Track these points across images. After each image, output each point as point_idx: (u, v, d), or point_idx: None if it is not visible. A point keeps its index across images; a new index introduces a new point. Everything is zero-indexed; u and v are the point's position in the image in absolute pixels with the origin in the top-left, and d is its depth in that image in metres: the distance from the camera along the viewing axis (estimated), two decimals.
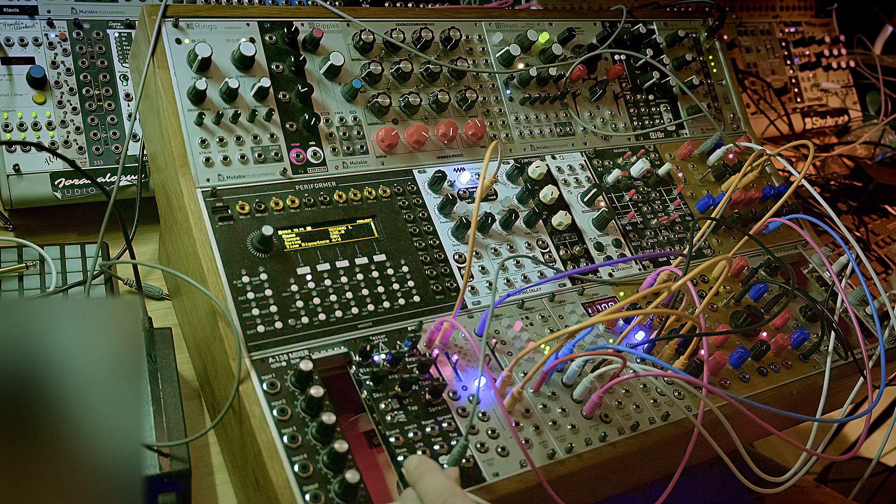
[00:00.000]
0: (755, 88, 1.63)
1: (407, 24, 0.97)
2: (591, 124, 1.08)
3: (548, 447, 0.75)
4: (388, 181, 0.89)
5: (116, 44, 1.04)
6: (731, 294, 0.99)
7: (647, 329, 0.90)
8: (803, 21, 1.79)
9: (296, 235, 0.81)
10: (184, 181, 0.80)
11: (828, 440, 0.96)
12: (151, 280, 0.97)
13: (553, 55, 1.04)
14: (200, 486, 0.77)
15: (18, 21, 0.99)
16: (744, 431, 0.83)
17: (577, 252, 0.95)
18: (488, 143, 0.97)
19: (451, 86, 0.98)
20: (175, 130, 0.81)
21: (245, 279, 0.76)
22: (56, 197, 0.95)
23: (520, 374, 0.79)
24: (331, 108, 0.90)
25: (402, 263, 0.84)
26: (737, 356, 0.89)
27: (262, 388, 0.70)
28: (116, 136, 1.00)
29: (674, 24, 1.21)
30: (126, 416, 0.35)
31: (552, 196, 0.96)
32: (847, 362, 0.98)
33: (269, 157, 0.84)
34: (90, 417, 0.34)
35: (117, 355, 0.35)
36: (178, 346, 0.83)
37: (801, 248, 1.13)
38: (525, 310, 0.87)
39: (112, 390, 0.35)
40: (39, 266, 0.89)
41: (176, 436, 0.71)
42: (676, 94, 1.18)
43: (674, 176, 1.10)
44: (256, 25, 0.88)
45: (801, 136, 1.66)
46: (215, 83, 0.84)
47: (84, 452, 0.34)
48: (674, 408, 0.83)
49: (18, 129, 0.96)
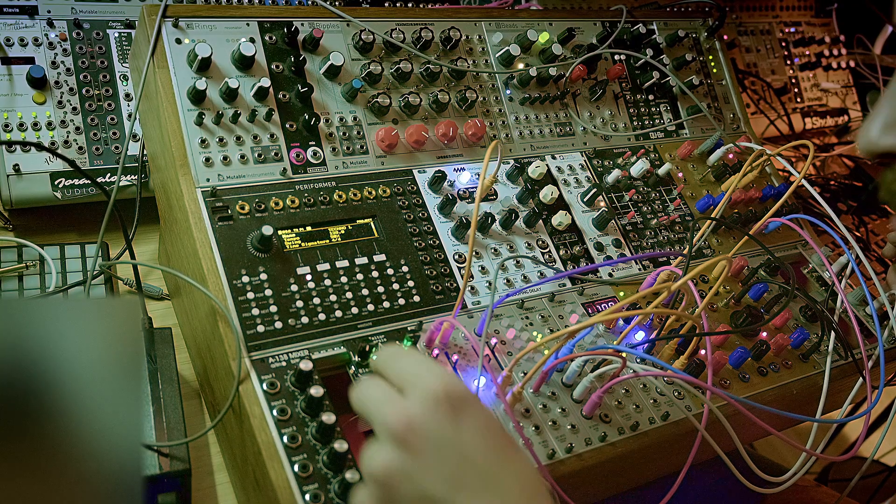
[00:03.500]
0: (755, 88, 1.63)
1: (407, 24, 0.97)
2: (591, 124, 1.08)
3: (548, 447, 0.75)
4: (388, 181, 0.89)
5: (116, 44, 1.04)
6: (731, 294, 0.99)
7: (647, 329, 0.90)
8: (803, 21, 1.79)
9: (296, 235, 0.81)
10: (184, 181, 0.80)
11: (827, 440, 0.96)
12: (151, 280, 0.97)
13: (553, 55, 1.04)
14: (200, 486, 0.77)
15: (18, 21, 0.99)
16: (744, 431, 0.83)
17: (577, 252, 0.95)
18: (488, 143, 0.97)
19: (451, 86, 0.98)
20: (175, 130, 0.81)
21: (245, 279, 0.76)
22: (56, 197, 0.95)
23: (519, 374, 0.79)
24: (331, 108, 0.90)
25: (402, 263, 0.84)
26: (737, 356, 0.89)
27: (262, 388, 0.70)
28: (116, 136, 1.00)
29: (674, 24, 1.21)
30: (126, 416, 0.35)
31: (552, 196, 0.96)
32: (847, 362, 0.98)
33: (269, 157, 0.84)
34: (90, 417, 0.34)
35: (117, 355, 0.35)
36: (178, 346, 0.83)
37: (801, 248, 1.13)
38: (525, 310, 0.87)
39: (112, 390, 0.35)
40: (39, 266, 0.89)
41: (176, 436, 0.71)
42: (676, 94, 1.18)
43: (674, 176, 1.10)
44: (256, 25, 0.89)
45: (801, 136, 1.65)
46: (215, 83, 0.84)
47: (84, 452, 0.34)
48: (674, 408, 0.83)
49: (18, 129, 0.96)
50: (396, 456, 0.51)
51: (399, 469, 0.51)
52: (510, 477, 0.51)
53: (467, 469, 0.50)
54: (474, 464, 0.51)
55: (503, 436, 0.53)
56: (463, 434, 0.51)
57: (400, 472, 0.51)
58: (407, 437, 0.51)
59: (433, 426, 0.51)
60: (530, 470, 0.53)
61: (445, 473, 0.50)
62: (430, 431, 0.51)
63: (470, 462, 0.51)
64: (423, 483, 0.50)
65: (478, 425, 0.52)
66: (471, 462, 0.51)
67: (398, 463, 0.51)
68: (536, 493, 0.52)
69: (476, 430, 0.52)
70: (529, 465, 0.53)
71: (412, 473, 0.50)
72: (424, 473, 0.50)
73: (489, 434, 0.52)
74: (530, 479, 0.52)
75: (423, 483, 0.50)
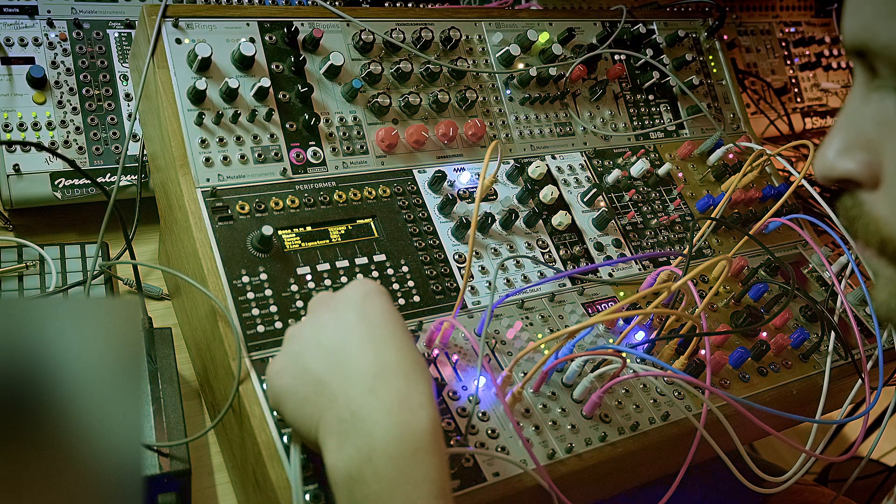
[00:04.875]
0: (755, 88, 1.63)
1: (407, 24, 0.97)
2: (591, 124, 1.08)
3: (548, 447, 0.75)
4: (388, 181, 0.89)
5: (116, 44, 1.04)
6: (731, 294, 0.99)
7: (647, 329, 0.90)
8: (803, 21, 1.79)
9: (296, 235, 0.81)
10: (184, 181, 0.80)
11: (827, 440, 0.96)
12: (151, 280, 0.97)
13: (553, 55, 1.04)
14: (200, 486, 0.77)
15: (18, 21, 0.99)
16: (744, 431, 0.83)
17: (577, 252, 0.95)
18: (488, 143, 0.97)
19: (451, 86, 0.98)
20: (175, 130, 0.81)
21: (245, 279, 0.76)
22: (56, 197, 0.95)
23: (519, 374, 0.79)
24: (331, 108, 0.90)
25: (402, 263, 0.84)
26: (737, 356, 0.89)
27: (262, 388, 0.70)
28: (116, 136, 1.00)
29: (674, 24, 1.21)
30: (126, 416, 0.35)
31: (552, 196, 0.96)
32: (847, 362, 0.98)
33: (269, 157, 0.84)
34: (90, 417, 0.34)
35: (117, 355, 0.35)
36: (178, 346, 0.83)
37: (801, 248, 1.13)
38: (525, 310, 0.87)
39: (112, 390, 0.35)
40: (39, 266, 0.89)
41: (176, 436, 0.71)
42: (676, 94, 1.18)
43: (674, 176, 1.10)
44: (256, 25, 0.89)
45: (801, 136, 1.65)
46: (215, 83, 0.84)
47: (84, 452, 0.34)
48: (674, 408, 0.83)
49: (18, 129, 0.96)
50: (309, 317, 0.64)
51: (302, 324, 0.64)
52: (397, 342, 0.60)
53: (362, 329, 0.60)
54: (371, 326, 0.60)
55: (396, 318, 0.62)
56: (365, 310, 0.61)
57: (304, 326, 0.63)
58: (323, 299, 0.64)
59: (345, 298, 0.62)
60: (411, 346, 0.60)
61: (337, 331, 0.60)
62: (342, 300, 0.62)
63: (367, 324, 0.60)
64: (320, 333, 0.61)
65: (380, 307, 0.61)
66: (367, 324, 0.60)
67: (309, 318, 0.64)
68: (414, 367, 0.59)
69: (377, 309, 0.61)
70: (411, 343, 0.61)
71: (319, 322, 0.62)
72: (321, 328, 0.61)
73: (386, 314, 0.61)
74: (410, 355, 0.60)
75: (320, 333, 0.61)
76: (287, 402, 0.60)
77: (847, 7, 0.45)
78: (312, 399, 0.58)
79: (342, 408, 0.56)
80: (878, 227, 0.47)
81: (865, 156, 0.46)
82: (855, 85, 0.47)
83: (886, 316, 0.50)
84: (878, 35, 0.42)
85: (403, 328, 0.61)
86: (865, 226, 0.47)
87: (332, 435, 0.56)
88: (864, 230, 0.48)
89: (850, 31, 0.44)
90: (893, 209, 0.45)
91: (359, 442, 0.54)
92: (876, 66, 0.44)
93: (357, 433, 0.54)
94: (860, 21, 0.43)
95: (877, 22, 0.42)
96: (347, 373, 0.57)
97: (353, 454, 0.54)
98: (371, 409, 0.55)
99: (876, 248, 0.48)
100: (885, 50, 0.42)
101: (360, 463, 0.53)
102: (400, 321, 0.61)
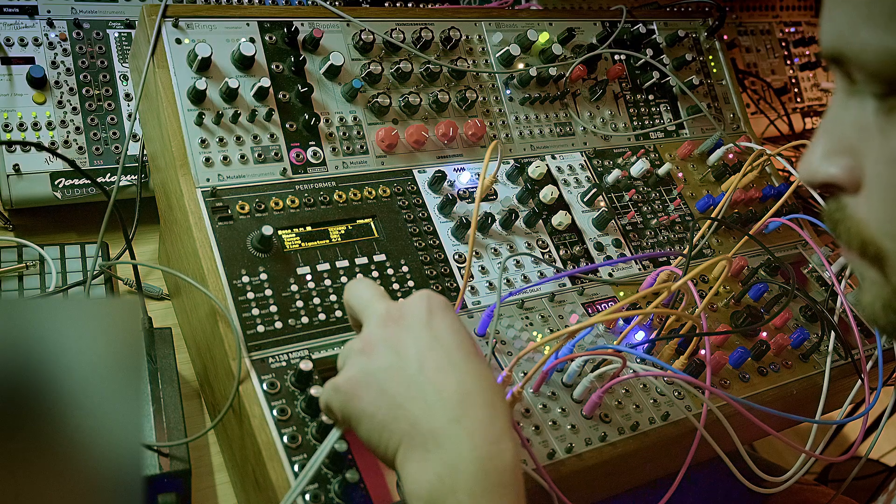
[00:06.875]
0: (755, 88, 1.63)
1: (407, 24, 0.97)
2: (591, 124, 1.08)
3: (548, 447, 0.75)
4: (388, 181, 0.89)
5: (116, 44, 1.04)
6: (731, 294, 0.99)
7: (647, 329, 0.90)
8: (803, 21, 1.79)
9: (296, 235, 0.81)
10: (184, 181, 0.80)
11: (827, 440, 0.96)
12: (151, 280, 0.97)
13: (553, 55, 1.04)
14: (200, 486, 0.77)
15: (18, 21, 0.99)
16: (744, 431, 0.83)
17: (577, 252, 0.95)
18: (488, 143, 0.97)
19: (451, 86, 0.98)
20: (175, 130, 0.81)
21: (245, 279, 0.76)
22: (56, 197, 0.95)
23: (519, 373, 0.79)
24: (331, 108, 0.90)
25: (402, 263, 0.84)
26: (737, 356, 0.89)
27: (262, 388, 0.70)
28: (116, 136, 1.00)
29: (674, 24, 1.21)
30: (126, 416, 0.35)
31: (552, 196, 0.96)
32: (847, 362, 0.98)
33: (269, 157, 0.84)
34: (90, 417, 0.34)
35: (117, 355, 0.35)
36: (178, 346, 0.83)
37: (801, 248, 1.13)
38: (525, 310, 0.87)
39: (112, 390, 0.35)
40: (39, 266, 0.89)
41: (176, 436, 0.71)
42: (676, 94, 1.18)
43: (674, 176, 1.10)
44: (256, 25, 0.88)
45: (801, 136, 1.65)
46: (215, 83, 0.84)
47: (84, 452, 0.34)
48: (674, 408, 0.83)
49: (18, 129, 0.96)
50: (380, 332, 0.59)
51: (379, 339, 0.58)
52: (475, 368, 0.57)
53: (439, 352, 0.57)
54: (447, 349, 0.57)
55: (468, 337, 0.59)
56: (436, 329, 0.58)
57: (379, 342, 0.58)
58: (391, 314, 0.59)
59: (413, 316, 0.59)
60: (489, 373, 0.58)
61: (415, 353, 0.57)
62: (410, 319, 0.59)
63: (442, 346, 0.57)
64: (399, 353, 0.58)
65: (449, 326, 0.58)
66: (443, 346, 0.57)
67: (381, 334, 0.59)
68: (496, 396, 0.56)
69: (447, 328, 0.58)
70: (488, 369, 0.59)
71: (393, 341, 0.58)
72: (402, 345, 0.58)
73: (458, 334, 0.58)
74: (489, 382, 0.57)
75: (399, 353, 0.58)
76: (363, 423, 0.58)
77: (822, 15, 0.45)
78: (391, 425, 0.56)
79: (426, 435, 0.54)
80: (860, 230, 0.47)
81: (847, 160, 0.46)
82: (836, 91, 0.47)
83: (872, 318, 0.50)
84: (851, 43, 0.42)
85: (476, 348, 0.59)
86: (847, 229, 0.48)
87: (413, 461, 0.55)
88: (847, 233, 0.48)
89: (825, 38, 0.45)
90: (873, 212, 0.46)
91: (442, 472, 0.53)
92: (851, 73, 0.44)
93: (441, 463, 0.53)
94: (835, 28, 0.44)
95: (850, 29, 0.42)
96: (430, 401, 0.55)
97: (436, 484, 0.53)
98: (457, 439, 0.53)
99: (858, 251, 0.48)
100: (859, 57, 0.42)
101: (444, 494, 0.52)
102: (470, 339, 0.59)
